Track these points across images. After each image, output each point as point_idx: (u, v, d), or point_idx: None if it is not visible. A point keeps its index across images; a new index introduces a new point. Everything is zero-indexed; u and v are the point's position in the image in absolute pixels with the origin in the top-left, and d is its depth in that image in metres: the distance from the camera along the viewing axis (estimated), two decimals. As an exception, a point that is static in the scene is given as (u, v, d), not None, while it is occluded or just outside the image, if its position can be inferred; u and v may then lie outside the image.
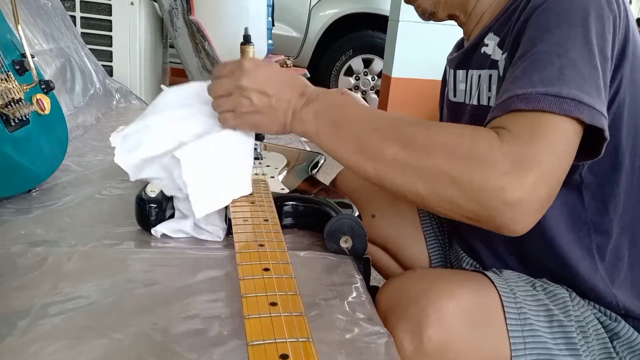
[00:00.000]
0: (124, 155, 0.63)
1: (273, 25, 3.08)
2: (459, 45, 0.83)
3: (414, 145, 0.52)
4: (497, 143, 0.49)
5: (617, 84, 0.58)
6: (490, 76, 0.68)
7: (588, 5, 0.54)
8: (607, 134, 0.52)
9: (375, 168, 0.54)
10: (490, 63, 0.68)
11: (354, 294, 0.58)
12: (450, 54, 0.83)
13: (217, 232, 0.66)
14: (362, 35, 3.67)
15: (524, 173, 0.47)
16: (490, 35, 0.68)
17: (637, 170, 0.64)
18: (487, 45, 0.69)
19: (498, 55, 0.66)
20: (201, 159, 0.60)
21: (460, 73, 0.77)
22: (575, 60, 0.52)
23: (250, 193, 0.67)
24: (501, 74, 0.64)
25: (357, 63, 3.71)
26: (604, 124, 0.51)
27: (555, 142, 0.49)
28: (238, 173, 0.65)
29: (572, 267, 0.64)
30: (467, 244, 0.80)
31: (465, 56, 0.75)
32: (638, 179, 0.64)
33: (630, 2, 4.54)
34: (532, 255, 0.68)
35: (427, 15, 0.76)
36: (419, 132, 0.52)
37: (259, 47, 2.54)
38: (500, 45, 0.66)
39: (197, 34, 2.16)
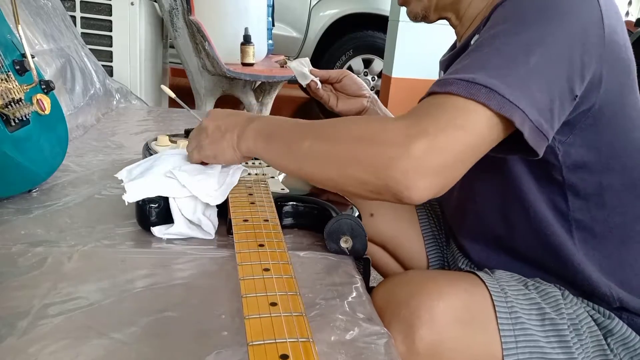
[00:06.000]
0: (130, 184, 0.67)
1: (273, 25, 3.08)
2: (452, 47, 0.84)
3: (323, 137, 0.56)
4: (391, 121, 0.52)
5: (595, 86, 0.57)
6: None
7: (547, 5, 0.54)
8: (526, 128, 0.50)
9: (298, 164, 0.58)
10: None
11: (354, 294, 0.58)
12: (443, 56, 0.83)
13: (209, 228, 0.67)
14: (362, 35, 3.67)
15: (412, 142, 0.48)
16: (476, 37, 0.69)
17: (629, 171, 0.64)
18: (472, 45, 0.69)
19: None
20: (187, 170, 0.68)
21: None
22: (506, 51, 0.52)
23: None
24: None
25: (357, 63, 3.71)
26: (516, 116, 0.49)
27: (451, 118, 0.50)
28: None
29: (563, 259, 0.65)
30: (460, 241, 0.80)
31: (454, 58, 0.75)
32: (630, 180, 0.64)
33: (630, 2, 4.54)
34: (524, 248, 0.69)
35: (419, 18, 0.77)
36: (328, 126, 0.58)
37: (259, 47, 2.55)
38: None
39: (197, 34, 2.16)
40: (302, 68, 0.92)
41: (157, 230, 0.67)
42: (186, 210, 0.66)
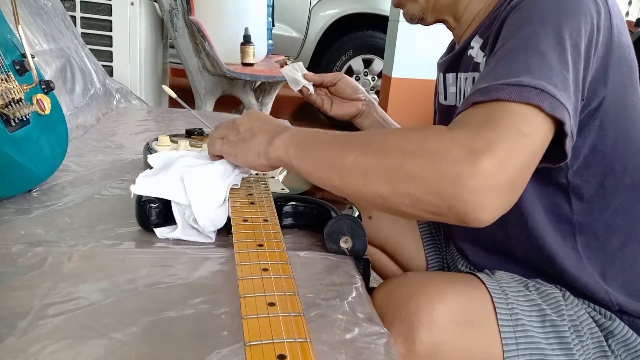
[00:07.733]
0: (142, 179, 0.67)
1: (273, 25, 3.08)
2: (450, 49, 0.83)
3: (371, 149, 0.52)
4: (448, 134, 0.48)
5: (602, 87, 0.57)
6: (474, 79, 0.68)
7: (564, 3, 0.54)
8: (568, 129, 0.49)
9: (340, 178, 0.54)
10: (473, 66, 0.68)
11: (354, 294, 0.58)
12: (441, 58, 0.83)
13: (210, 234, 0.67)
14: (362, 35, 3.67)
15: (479, 158, 0.45)
16: (476, 38, 0.69)
17: (630, 172, 0.64)
18: (472, 47, 0.69)
19: (480, 57, 0.66)
20: (197, 180, 0.65)
21: (450, 76, 0.77)
22: (543, 52, 0.51)
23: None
24: None
25: (357, 63, 3.71)
26: (565, 117, 0.48)
27: (512, 126, 0.47)
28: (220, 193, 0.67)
29: (560, 265, 0.65)
30: (458, 244, 0.80)
31: (454, 60, 0.75)
32: (631, 182, 0.64)
33: (630, 2, 4.53)
34: (521, 253, 0.69)
35: (416, 20, 0.76)
36: (375, 137, 0.54)
37: (259, 47, 2.55)
38: (482, 47, 0.66)
39: (197, 34, 2.16)
40: (295, 73, 0.92)
41: (159, 232, 0.67)
42: (188, 215, 0.66)
